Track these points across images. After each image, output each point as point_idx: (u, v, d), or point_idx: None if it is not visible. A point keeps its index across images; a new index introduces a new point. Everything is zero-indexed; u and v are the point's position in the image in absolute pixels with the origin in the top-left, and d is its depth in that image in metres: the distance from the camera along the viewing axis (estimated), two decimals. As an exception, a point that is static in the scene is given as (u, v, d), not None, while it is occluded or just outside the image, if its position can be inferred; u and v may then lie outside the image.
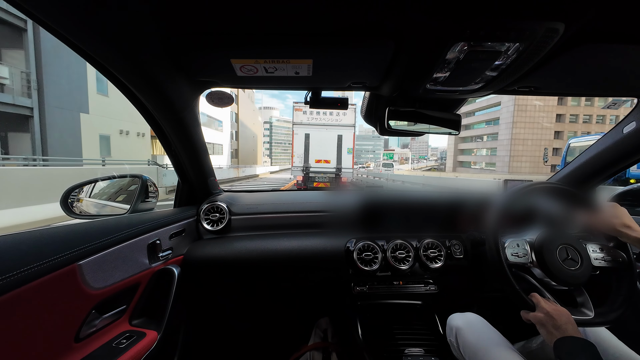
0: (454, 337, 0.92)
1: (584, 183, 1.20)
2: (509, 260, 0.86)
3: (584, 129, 34.22)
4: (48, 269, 0.57)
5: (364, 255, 1.11)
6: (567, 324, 0.68)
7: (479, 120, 43.37)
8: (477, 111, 43.48)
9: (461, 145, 48.58)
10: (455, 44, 0.60)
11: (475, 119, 44.09)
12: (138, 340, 0.77)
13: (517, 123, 35.94)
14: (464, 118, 44.49)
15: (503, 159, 37.58)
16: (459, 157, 49.65)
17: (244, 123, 37.75)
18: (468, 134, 46.36)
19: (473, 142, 46.07)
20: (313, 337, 1.34)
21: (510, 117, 36.23)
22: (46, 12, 0.53)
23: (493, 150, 40.48)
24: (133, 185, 1.14)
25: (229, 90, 0.96)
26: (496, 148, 39.20)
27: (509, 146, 36.69)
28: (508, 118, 36.59)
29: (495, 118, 39.47)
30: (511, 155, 36.46)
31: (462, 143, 48.34)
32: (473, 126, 45.29)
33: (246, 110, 38.02)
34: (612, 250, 0.89)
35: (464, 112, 43.47)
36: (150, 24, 0.59)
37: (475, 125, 44.96)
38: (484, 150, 43.65)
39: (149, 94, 0.83)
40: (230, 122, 29.60)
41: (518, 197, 0.90)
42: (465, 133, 46.34)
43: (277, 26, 0.59)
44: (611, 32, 0.61)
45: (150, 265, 0.89)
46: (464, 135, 46.65)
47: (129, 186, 1.18)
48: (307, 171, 8.30)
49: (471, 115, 44.67)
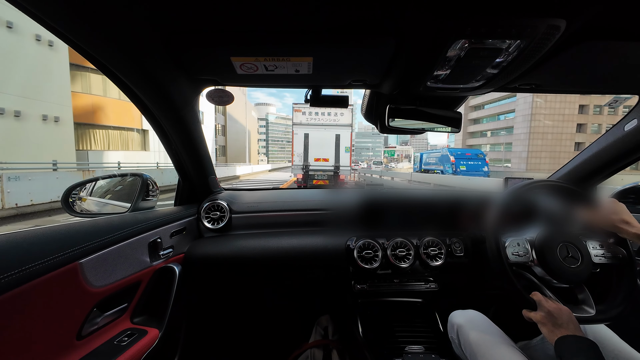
0: (456, 334, 0.93)
1: (585, 181, 1.20)
2: (510, 260, 0.86)
3: (609, 121, 30.83)
4: (49, 267, 0.57)
5: (365, 253, 1.11)
6: (569, 323, 0.68)
7: (491, 114, 39.75)
8: (487, 104, 40.04)
9: (470, 140, 44.57)
10: (456, 41, 0.60)
11: (485, 112, 40.59)
12: (140, 338, 0.77)
13: (535, 115, 32.34)
14: (472, 112, 38.67)
15: (520, 154, 34.01)
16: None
17: (233, 117, 34.28)
18: (477, 129, 42.67)
19: (483, 137, 42.07)
20: (314, 334, 1.34)
21: (528, 109, 32.64)
22: (45, 10, 0.53)
23: (507, 145, 36.69)
24: (134, 183, 1.14)
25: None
26: (511, 143, 35.59)
27: (526, 140, 33.06)
28: (526, 110, 32.98)
29: (510, 110, 35.96)
30: (529, 150, 32.87)
31: (471, 139, 44.42)
32: (483, 120, 41.76)
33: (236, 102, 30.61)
34: (612, 247, 0.89)
35: (473, 105, 41.40)
36: (151, 22, 0.59)
37: (484, 120, 41.40)
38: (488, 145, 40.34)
39: (149, 93, 0.83)
40: (214, 114, 25.34)
41: (518, 196, 0.90)
42: (474, 127, 42.94)
43: (277, 23, 0.59)
44: (613, 29, 0.61)
45: (152, 264, 0.89)
46: (473, 130, 43.18)
47: (130, 185, 1.18)
48: (307, 169, 8.46)
49: (480, 108, 41.34)
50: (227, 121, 32.80)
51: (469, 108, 42.21)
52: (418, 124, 1.02)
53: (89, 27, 0.58)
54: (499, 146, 38.63)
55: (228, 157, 32.97)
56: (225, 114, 31.91)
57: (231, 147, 34.04)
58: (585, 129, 32.28)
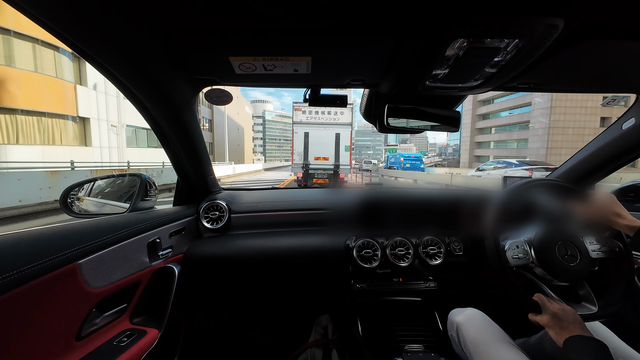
0: (455, 332, 0.93)
1: (583, 179, 1.20)
2: (511, 263, 0.86)
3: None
4: (48, 268, 0.57)
5: (364, 253, 1.11)
6: (575, 323, 0.68)
7: (502, 108, 36.35)
8: (496, 98, 36.66)
9: (478, 137, 41.20)
10: (454, 40, 0.60)
11: (495, 106, 37.30)
12: (139, 338, 0.77)
13: (555, 108, 29.28)
14: (481, 106, 36.58)
15: (537, 151, 30.62)
16: (476, 151, 41.76)
17: (222, 111, 30.30)
18: (486, 125, 39.37)
19: (495, 133, 38.35)
20: (313, 334, 1.35)
21: (547, 102, 29.69)
22: (43, 10, 0.52)
23: (521, 142, 33.54)
24: (132, 184, 1.14)
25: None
26: (527, 139, 32.35)
27: (545, 136, 29.85)
28: (544, 103, 30.06)
29: (525, 104, 32.70)
30: (548, 147, 29.64)
31: (480, 135, 41.04)
32: (491, 115, 38.65)
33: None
34: (608, 240, 0.90)
35: (481, 99, 38.26)
36: (149, 22, 0.58)
37: (493, 115, 38.22)
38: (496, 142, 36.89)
39: (148, 92, 0.83)
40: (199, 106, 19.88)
41: (515, 195, 0.90)
42: (483, 124, 39.83)
43: (276, 23, 0.59)
44: (611, 28, 0.61)
45: (151, 264, 0.89)
46: (482, 126, 40.05)
47: (129, 185, 1.18)
48: (307, 168, 8.46)
49: (490, 102, 38.18)
50: (214, 114, 29.98)
51: (478, 102, 39.47)
52: (417, 123, 1.03)
53: (87, 26, 0.57)
54: (512, 143, 35.46)
55: (216, 155, 30.25)
56: (212, 107, 28.62)
57: (220, 144, 30.55)
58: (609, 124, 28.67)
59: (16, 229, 0.64)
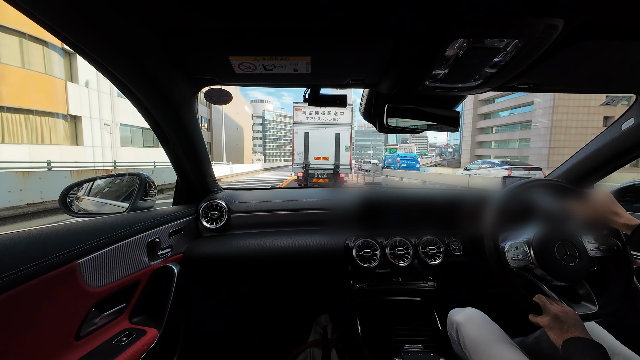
0: (455, 332, 0.93)
1: (582, 179, 1.20)
2: (511, 265, 0.87)
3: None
4: (47, 267, 0.57)
5: (363, 253, 1.11)
6: (575, 325, 0.69)
7: (503, 107, 36.04)
8: (498, 97, 36.45)
9: (479, 137, 41.07)
10: (454, 40, 0.60)
11: (497, 106, 37.05)
12: (138, 337, 0.77)
13: (558, 107, 29.04)
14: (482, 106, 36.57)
15: (540, 151, 30.46)
16: (477, 151, 41.45)
17: (220, 109, 29.77)
18: (487, 124, 39.19)
19: (496, 132, 38.05)
20: (313, 333, 1.35)
21: (549, 101, 29.35)
22: (42, 10, 0.52)
23: (522, 141, 33.29)
24: (132, 183, 1.14)
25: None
26: (528, 139, 32.05)
27: (547, 136, 29.63)
28: (547, 102, 29.80)
29: (527, 103, 32.49)
30: (551, 147, 29.42)
31: (481, 135, 40.88)
32: (492, 115, 38.42)
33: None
34: (606, 239, 0.90)
35: (482, 99, 38.37)
36: (149, 21, 0.58)
37: (494, 114, 37.97)
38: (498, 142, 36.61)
39: (147, 92, 0.83)
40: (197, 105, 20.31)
41: (514, 195, 0.91)
42: (484, 123, 39.65)
43: (276, 23, 0.59)
44: (610, 28, 0.61)
45: (150, 263, 0.89)
46: (483, 125, 39.95)
47: (128, 184, 1.18)
48: (307, 168, 8.48)
49: (491, 102, 37.92)
50: (212, 113, 29.67)
51: (479, 102, 39.64)
52: (417, 123, 1.02)
53: (87, 26, 0.57)
54: (513, 142, 35.08)
55: (214, 155, 29.73)
56: (211, 106, 28.02)
57: (218, 144, 29.77)
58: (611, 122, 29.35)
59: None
